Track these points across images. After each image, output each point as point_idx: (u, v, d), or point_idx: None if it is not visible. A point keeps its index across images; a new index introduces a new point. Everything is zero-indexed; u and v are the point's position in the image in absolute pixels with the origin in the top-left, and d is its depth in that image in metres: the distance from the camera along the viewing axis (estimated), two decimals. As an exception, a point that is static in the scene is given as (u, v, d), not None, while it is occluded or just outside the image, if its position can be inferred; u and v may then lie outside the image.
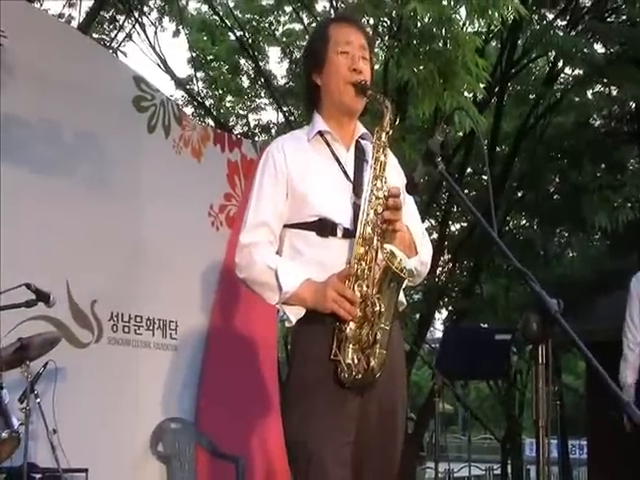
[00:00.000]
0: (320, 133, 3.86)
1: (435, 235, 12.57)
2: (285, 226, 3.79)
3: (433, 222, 13.46)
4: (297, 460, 3.61)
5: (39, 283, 6.77)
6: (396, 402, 3.73)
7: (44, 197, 7.16)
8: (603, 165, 12.87)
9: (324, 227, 3.69)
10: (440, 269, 12.07)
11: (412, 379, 11.67)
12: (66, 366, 6.97)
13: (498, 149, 12.16)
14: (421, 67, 7.49)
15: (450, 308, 13.23)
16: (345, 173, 3.80)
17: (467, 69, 7.37)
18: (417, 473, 18.05)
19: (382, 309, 3.48)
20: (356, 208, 3.67)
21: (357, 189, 3.72)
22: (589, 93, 13.35)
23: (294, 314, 3.70)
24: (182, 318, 8.22)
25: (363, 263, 3.54)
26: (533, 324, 2.93)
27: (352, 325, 3.50)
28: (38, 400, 6.15)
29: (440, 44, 7.50)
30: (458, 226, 14.44)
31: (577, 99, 13.21)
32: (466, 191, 12.82)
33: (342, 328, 3.51)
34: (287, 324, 3.77)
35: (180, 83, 15.89)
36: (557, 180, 14.04)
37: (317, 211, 3.71)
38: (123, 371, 7.63)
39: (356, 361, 3.49)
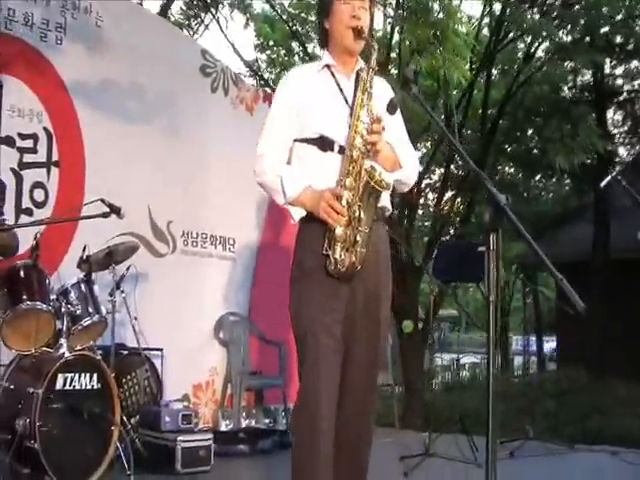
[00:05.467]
0: (327, 66, 3.61)
1: (441, 176, 12.25)
2: (294, 140, 3.55)
3: (439, 168, 13.10)
4: (297, 332, 3.43)
5: (127, 207, 6.71)
6: (379, 286, 3.50)
7: (132, 142, 7.12)
8: (569, 126, 12.42)
9: (324, 143, 3.45)
10: (444, 203, 11.71)
11: (421, 287, 11.36)
12: (148, 271, 7.01)
13: (488, 112, 11.70)
14: (419, 32, 7.15)
15: (451, 232, 12.90)
16: (345, 99, 3.53)
17: (456, 35, 7.04)
18: (430, 360, 18.01)
19: (362, 216, 3.29)
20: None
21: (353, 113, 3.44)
22: (558, 70, 12.84)
23: (296, 214, 3.50)
24: (238, 235, 8.14)
25: (350, 177, 3.31)
26: (486, 216, 2.70)
27: (339, 228, 3.29)
28: (123, 295, 6.05)
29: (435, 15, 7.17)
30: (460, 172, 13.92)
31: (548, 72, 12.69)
32: (465, 145, 12.40)
33: (332, 229, 3.31)
34: (291, 221, 3.56)
35: (247, 63, 15.68)
36: (535, 137, 13.60)
37: (318, 129, 3.47)
38: (192, 276, 7.57)
39: (342, 257, 3.29)
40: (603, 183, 5.62)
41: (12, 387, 5.16)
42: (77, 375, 5.17)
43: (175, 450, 5.58)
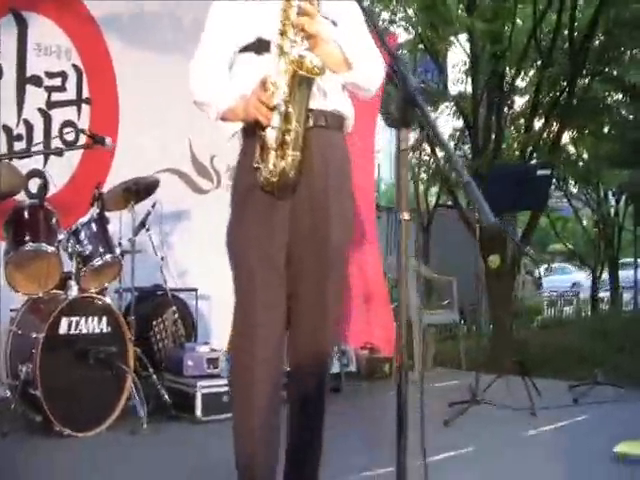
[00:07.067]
0: None
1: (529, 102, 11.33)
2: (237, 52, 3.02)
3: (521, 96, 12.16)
4: (231, 264, 2.96)
5: (165, 142, 6.48)
6: (328, 204, 2.92)
7: (169, 72, 6.65)
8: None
9: (260, 46, 2.93)
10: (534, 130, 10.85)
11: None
12: (190, 209, 6.79)
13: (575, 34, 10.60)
14: None
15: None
16: None
17: None
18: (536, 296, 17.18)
19: (290, 110, 2.74)
20: None
21: None
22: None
23: (232, 130, 2.99)
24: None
25: (281, 73, 2.76)
26: (391, 105, 2.17)
27: (271, 131, 2.77)
28: (149, 233, 5.78)
29: None
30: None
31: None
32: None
33: (264, 136, 2.79)
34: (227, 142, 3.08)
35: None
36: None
37: (255, 31, 2.95)
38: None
39: (275, 166, 2.78)
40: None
41: (20, 332, 5.02)
42: (83, 319, 4.94)
43: (195, 396, 5.26)
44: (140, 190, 5.54)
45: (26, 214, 5.05)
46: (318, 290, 2.95)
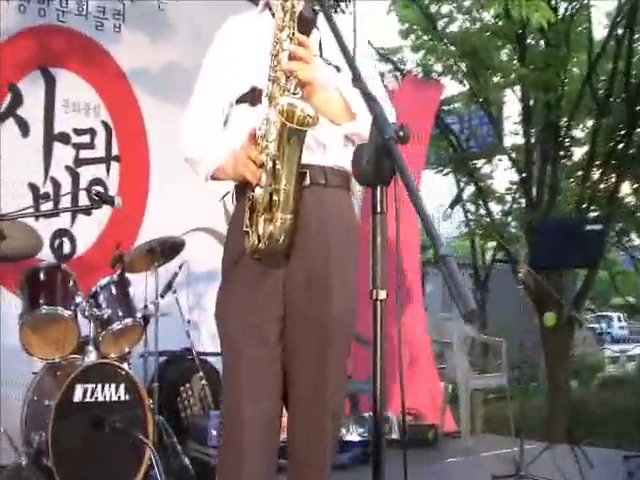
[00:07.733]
0: (267, 6, 2.82)
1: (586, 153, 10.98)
2: (233, 103, 2.79)
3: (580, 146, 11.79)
4: (218, 333, 2.70)
5: (199, 200, 6.27)
6: (328, 271, 2.61)
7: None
8: None
9: (254, 96, 2.69)
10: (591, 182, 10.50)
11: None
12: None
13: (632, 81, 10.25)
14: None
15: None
16: None
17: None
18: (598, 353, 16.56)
19: (278, 168, 2.46)
20: None
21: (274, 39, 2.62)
22: None
23: (222, 190, 2.83)
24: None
25: (272, 123, 2.51)
26: (363, 160, 1.85)
27: (260, 191, 2.50)
28: (175, 295, 5.59)
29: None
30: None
31: None
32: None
33: (253, 196, 2.53)
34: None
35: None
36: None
37: (250, 80, 2.72)
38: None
39: (264, 230, 2.50)
40: None
41: (35, 398, 4.84)
42: (100, 385, 4.71)
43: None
44: (165, 250, 5.35)
45: (42, 275, 4.89)
46: (315, 363, 2.65)
